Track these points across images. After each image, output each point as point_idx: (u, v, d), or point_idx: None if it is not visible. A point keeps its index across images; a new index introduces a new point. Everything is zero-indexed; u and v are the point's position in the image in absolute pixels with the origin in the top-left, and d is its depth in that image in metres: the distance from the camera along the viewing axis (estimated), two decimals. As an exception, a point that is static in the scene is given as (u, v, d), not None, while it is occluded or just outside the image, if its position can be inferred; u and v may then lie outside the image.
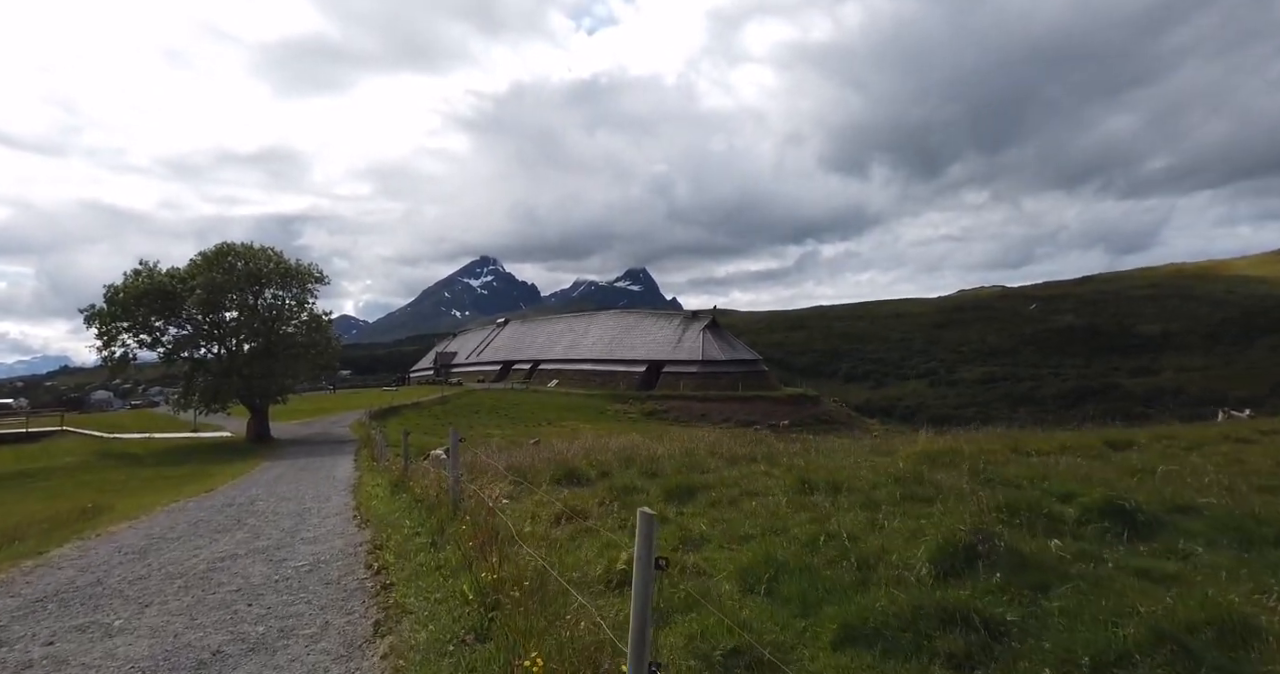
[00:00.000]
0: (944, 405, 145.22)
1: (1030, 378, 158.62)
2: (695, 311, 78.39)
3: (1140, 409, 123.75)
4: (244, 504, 15.10)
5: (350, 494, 15.63)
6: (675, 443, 15.13)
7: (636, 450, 13.89)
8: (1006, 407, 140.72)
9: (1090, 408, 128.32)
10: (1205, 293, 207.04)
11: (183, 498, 16.77)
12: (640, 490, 9.74)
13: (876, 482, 9.30)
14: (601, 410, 59.12)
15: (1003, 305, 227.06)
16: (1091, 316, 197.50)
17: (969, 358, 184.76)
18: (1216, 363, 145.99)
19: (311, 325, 40.93)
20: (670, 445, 14.68)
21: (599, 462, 12.61)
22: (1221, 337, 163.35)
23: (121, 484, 22.13)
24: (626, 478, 10.33)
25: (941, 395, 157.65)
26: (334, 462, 26.13)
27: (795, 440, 16.87)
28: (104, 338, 36.82)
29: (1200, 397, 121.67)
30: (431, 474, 12.33)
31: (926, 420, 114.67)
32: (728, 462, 12.43)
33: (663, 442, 16.35)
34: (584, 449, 15.15)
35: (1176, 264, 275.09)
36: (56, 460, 29.42)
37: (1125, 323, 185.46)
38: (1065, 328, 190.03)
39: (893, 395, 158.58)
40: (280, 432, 41.17)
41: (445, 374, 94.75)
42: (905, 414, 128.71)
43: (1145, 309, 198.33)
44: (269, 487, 18.80)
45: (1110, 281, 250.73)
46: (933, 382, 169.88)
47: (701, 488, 9.68)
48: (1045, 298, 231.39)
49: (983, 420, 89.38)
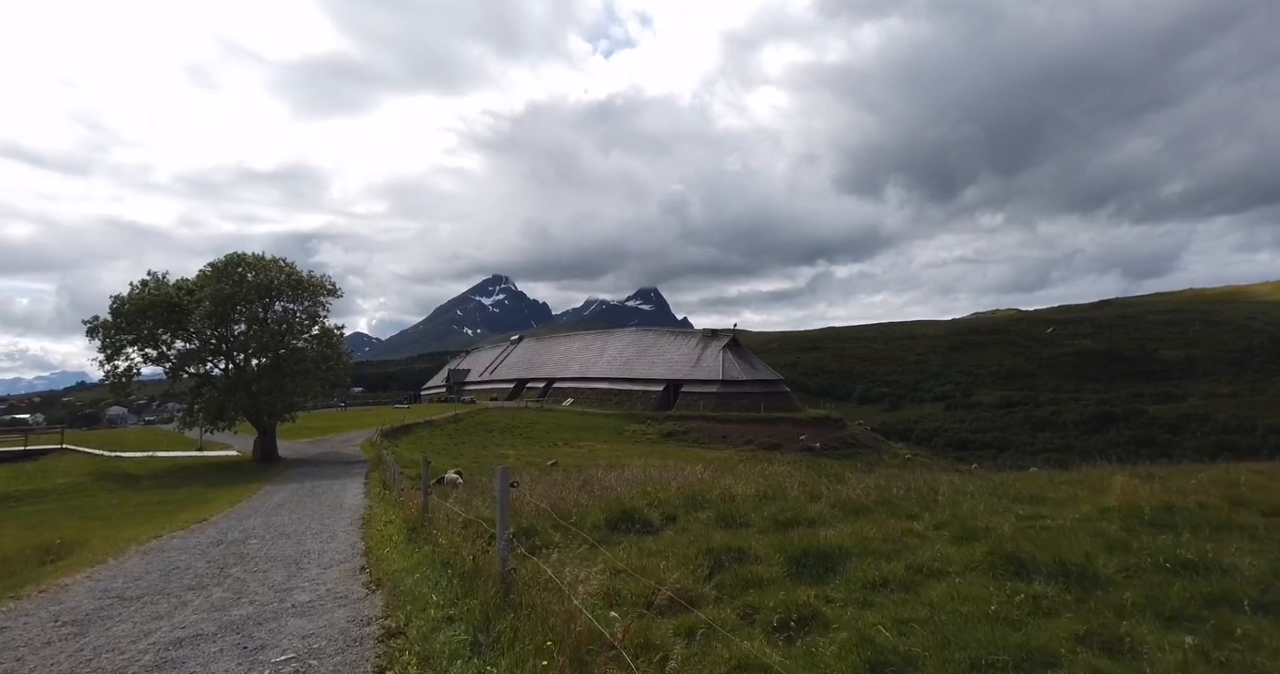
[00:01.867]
0: (962, 429, 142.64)
1: (1049, 402, 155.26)
2: (715, 330, 76.33)
3: (1167, 436, 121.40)
4: (235, 542, 13.13)
5: (359, 530, 13.67)
6: (752, 480, 12.60)
7: (703, 487, 11.65)
8: (1027, 432, 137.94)
9: (1115, 434, 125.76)
10: (1227, 318, 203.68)
11: (169, 531, 14.86)
12: (747, 555, 7.19)
13: (1130, 564, 6.56)
14: (619, 431, 57.28)
15: (1018, 329, 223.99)
16: (1110, 341, 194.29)
17: (985, 381, 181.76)
18: (1244, 389, 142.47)
19: (323, 340, 39.22)
20: (746, 482, 12.24)
21: (659, 500, 10.53)
22: (1248, 363, 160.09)
23: (110, 510, 20.36)
24: (700, 524, 8.35)
25: (959, 419, 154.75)
26: (342, 486, 24.37)
27: (859, 472, 14.68)
28: (107, 351, 35.22)
29: (1229, 425, 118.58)
30: (459, 517, 10.28)
31: (945, 444, 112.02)
32: (842, 509, 9.90)
33: (732, 474, 14.05)
34: (633, 481, 12.99)
35: (1196, 289, 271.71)
36: (50, 482, 27.71)
37: (1147, 347, 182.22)
38: (1084, 352, 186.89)
39: (909, 418, 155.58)
40: (288, 450, 39.44)
41: (458, 392, 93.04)
42: (922, 437, 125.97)
43: (1166, 334, 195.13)
44: (268, 517, 16.95)
45: (1128, 306, 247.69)
46: (949, 405, 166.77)
47: (838, 554, 7.16)
48: (1061, 321, 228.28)
49: (1001, 446, 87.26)
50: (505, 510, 5.78)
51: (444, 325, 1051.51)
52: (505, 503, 5.80)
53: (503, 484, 5.85)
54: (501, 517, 5.74)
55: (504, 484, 5.87)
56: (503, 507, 5.79)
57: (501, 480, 5.89)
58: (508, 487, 5.85)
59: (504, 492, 5.81)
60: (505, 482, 5.86)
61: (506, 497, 5.78)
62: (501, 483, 5.88)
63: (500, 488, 5.87)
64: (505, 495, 5.79)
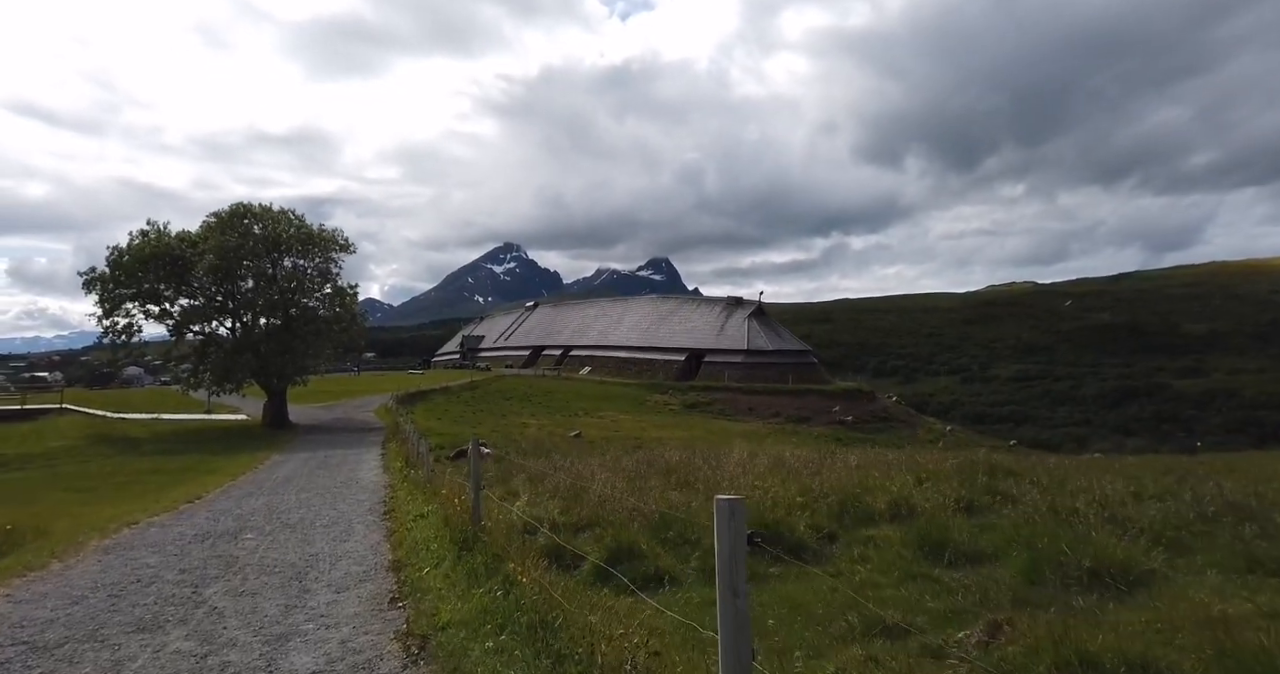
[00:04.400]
0: (979, 403, 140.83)
1: (1069, 376, 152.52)
2: (739, 298, 73.58)
3: (1192, 412, 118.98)
4: (225, 535, 10.55)
5: (381, 524, 11.04)
6: (905, 472, 9.19)
7: (861, 485, 8.31)
8: (1046, 406, 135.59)
9: (1137, 410, 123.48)
10: (1250, 292, 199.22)
11: (149, 514, 12.41)
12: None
13: None
14: (640, 401, 55.23)
15: (1035, 302, 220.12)
16: (1130, 314, 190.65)
17: (1002, 354, 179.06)
18: (1270, 365, 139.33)
19: (335, 299, 36.84)
20: (915, 481, 8.71)
21: (798, 503, 7.78)
22: (1272, 337, 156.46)
23: (100, 481, 18.22)
24: (892, 552, 5.69)
25: (975, 393, 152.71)
26: (358, 457, 22.23)
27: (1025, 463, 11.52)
28: (105, 306, 32.91)
29: (1256, 400, 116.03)
30: (532, 529, 7.65)
31: (962, 417, 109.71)
32: (1157, 542, 6.65)
33: (881, 469, 10.55)
34: (740, 467, 10.11)
35: (1218, 262, 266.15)
36: (43, 444, 25.68)
37: (1169, 321, 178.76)
38: (1104, 326, 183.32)
39: (924, 391, 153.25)
40: (300, 415, 37.36)
41: (472, 358, 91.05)
42: (939, 410, 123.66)
43: (1187, 308, 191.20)
44: (271, 496, 14.65)
45: (1148, 279, 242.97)
46: (965, 378, 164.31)
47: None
48: (1079, 295, 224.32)
49: (1019, 420, 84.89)
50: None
51: (455, 292, 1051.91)
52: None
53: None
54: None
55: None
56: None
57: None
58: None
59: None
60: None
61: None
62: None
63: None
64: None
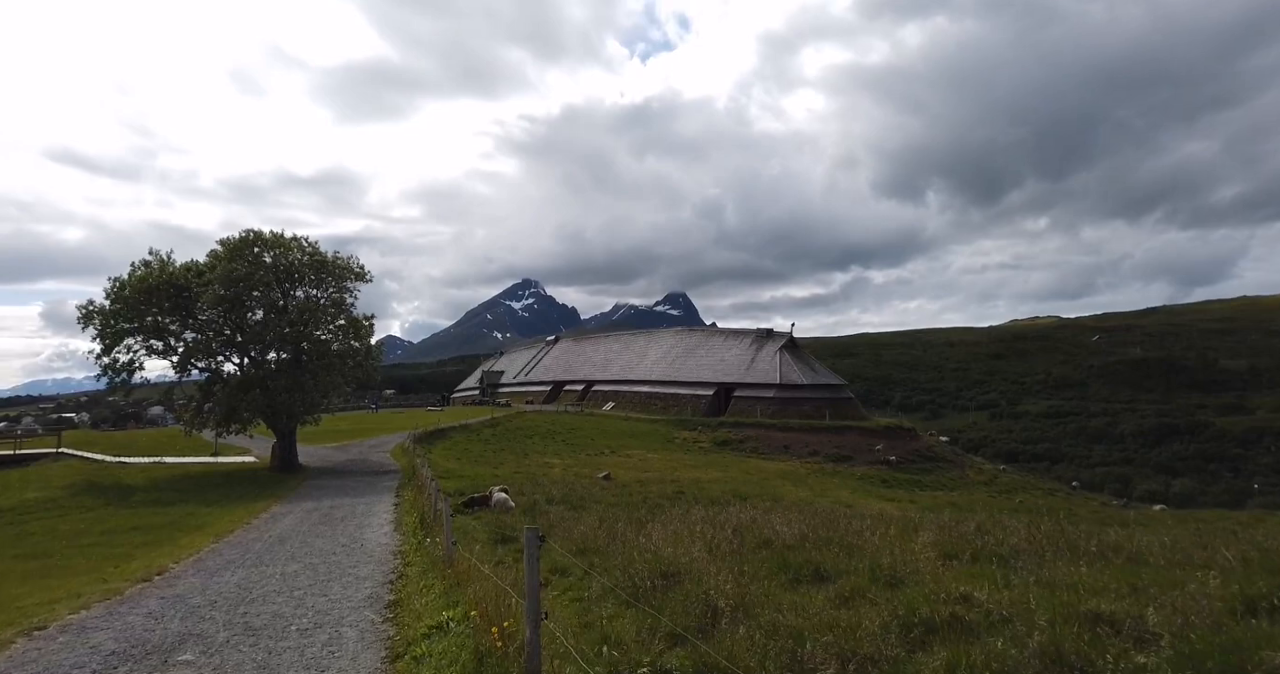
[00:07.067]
0: (1010, 440, 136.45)
1: (1103, 413, 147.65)
2: (769, 330, 70.67)
3: (1238, 451, 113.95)
4: (169, 641, 7.84)
5: (378, 637, 7.87)
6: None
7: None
8: (1081, 444, 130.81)
9: (1179, 448, 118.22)
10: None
11: (78, 603, 9.69)
12: None
13: None
14: (668, 438, 52.40)
15: (1063, 336, 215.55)
16: (1162, 350, 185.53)
17: (1032, 390, 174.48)
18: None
19: (349, 331, 34.34)
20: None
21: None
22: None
23: (64, 543, 15.67)
24: None
25: (1006, 429, 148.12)
26: (367, 508, 19.61)
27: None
28: (104, 342, 30.58)
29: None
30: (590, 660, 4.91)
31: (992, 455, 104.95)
32: None
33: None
34: (892, 542, 7.21)
35: (1249, 297, 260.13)
36: (20, 495, 23.18)
37: (1207, 357, 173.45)
38: (1137, 361, 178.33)
39: (952, 427, 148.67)
40: (310, 457, 34.76)
41: (492, 394, 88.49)
42: (968, 447, 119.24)
43: (1221, 343, 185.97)
44: (252, 569, 11.97)
45: (1178, 314, 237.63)
46: (994, 414, 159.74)
47: None
48: (1106, 329, 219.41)
49: (1055, 458, 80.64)
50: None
51: (474, 329, 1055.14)
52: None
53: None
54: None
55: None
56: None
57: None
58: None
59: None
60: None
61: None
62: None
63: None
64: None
